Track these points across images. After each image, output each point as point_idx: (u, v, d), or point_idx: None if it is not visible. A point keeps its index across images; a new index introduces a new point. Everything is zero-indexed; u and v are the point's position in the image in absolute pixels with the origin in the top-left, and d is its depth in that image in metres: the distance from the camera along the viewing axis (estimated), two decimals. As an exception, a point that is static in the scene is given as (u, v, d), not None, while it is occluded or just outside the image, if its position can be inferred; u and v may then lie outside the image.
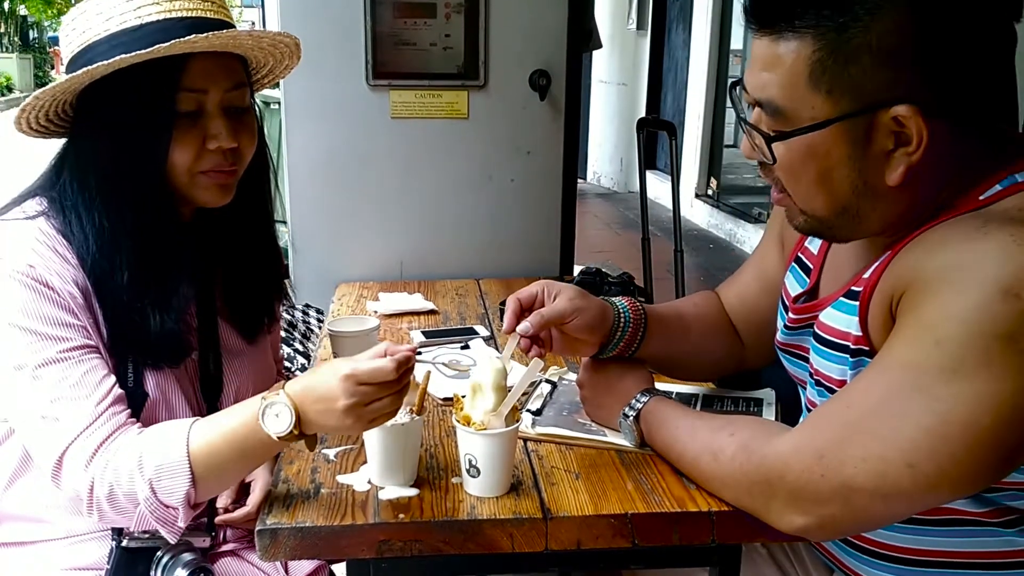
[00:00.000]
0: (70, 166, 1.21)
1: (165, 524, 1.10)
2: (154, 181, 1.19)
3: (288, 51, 1.30)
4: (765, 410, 1.41)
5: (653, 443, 1.23)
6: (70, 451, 1.09)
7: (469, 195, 2.37)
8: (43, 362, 1.11)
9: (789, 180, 1.07)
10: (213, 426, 1.10)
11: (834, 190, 1.04)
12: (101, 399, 1.12)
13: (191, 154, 1.19)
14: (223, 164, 1.22)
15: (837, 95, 0.99)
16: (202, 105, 1.19)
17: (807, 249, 1.30)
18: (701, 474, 1.14)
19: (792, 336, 1.28)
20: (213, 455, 1.09)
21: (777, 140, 1.04)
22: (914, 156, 0.99)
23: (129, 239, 1.18)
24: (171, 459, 1.08)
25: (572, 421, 1.36)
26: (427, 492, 1.15)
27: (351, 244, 2.32)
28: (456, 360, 1.64)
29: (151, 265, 1.20)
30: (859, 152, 1.01)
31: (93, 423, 1.10)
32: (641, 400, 1.24)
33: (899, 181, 1.01)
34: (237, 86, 1.22)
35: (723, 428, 1.13)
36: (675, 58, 8.26)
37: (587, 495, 1.14)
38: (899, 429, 0.96)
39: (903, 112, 0.97)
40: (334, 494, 1.15)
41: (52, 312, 1.12)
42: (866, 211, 1.06)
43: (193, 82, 1.17)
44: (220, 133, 1.19)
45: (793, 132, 1.02)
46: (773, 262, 1.42)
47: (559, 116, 2.31)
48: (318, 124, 2.27)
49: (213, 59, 1.18)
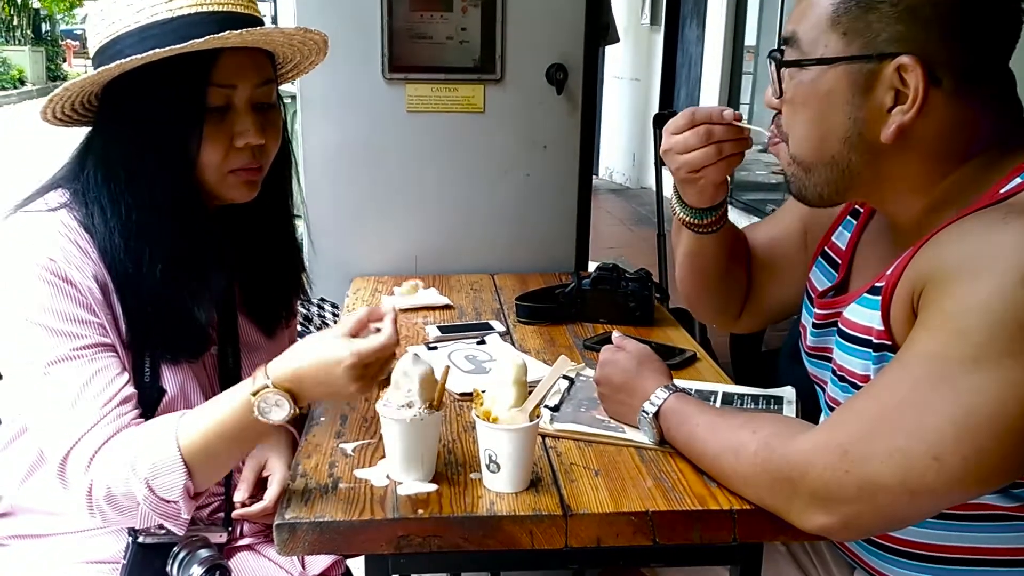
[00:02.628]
0: (95, 158, 1.20)
1: (169, 518, 1.10)
2: (185, 177, 1.18)
3: (316, 47, 1.30)
4: (785, 408, 1.40)
5: (673, 440, 1.22)
6: (73, 453, 1.09)
7: (485, 189, 2.35)
8: (55, 359, 1.10)
9: (788, 116, 1.11)
10: (202, 418, 1.09)
11: (826, 135, 1.08)
12: (109, 399, 1.11)
13: (221, 152, 1.18)
14: (251, 162, 1.21)
15: (850, 37, 1.03)
16: (231, 101, 1.18)
17: (834, 243, 1.29)
18: (722, 472, 1.13)
19: (819, 338, 1.27)
20: (206, 447, 1.08)
21: (786, 66, 1.09)
22: (908, 115, 1.01)
23: (160, 232, 1.17)
24: (164, 457, 1.07)
25: (591, 417, 1.35)
26: (446, 487, 1.15)
27: (366, 238, 2.31)
28: (472, 356, 1.64)
29: (185, 258, 1.19)
30: (858, 100, 1.04)
31: (96, 424, 1.10)
32: (660, 397, 1.23)
33: (891, 139, 1.03)
34: (266, 82, 1.21)
35: (744, 425, 1.12)
36: (689, 54, 8.22)
37: (607, 492, 1.14)
38: (924, 422, 0.95)
39: (906, 62, 1.00)
40: (352, 488, 1.14)
41: (69, 308, 1.12)
42: (857, 168, 1.08)
43: (223, 77, 1.16)
44: (248, 130, 1.18)
45: (801, 61, 1.07)
46: (790, 232, 1.44)
47: (576, 110, 2.30)
48: (334, 118, 2.27)
49: (243, 55, 1.18)
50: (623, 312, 1.84)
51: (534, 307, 1.86)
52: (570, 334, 1.80)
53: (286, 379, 1.06)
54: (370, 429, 1.32)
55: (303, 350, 1.09)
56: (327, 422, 1.35)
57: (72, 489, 1.10)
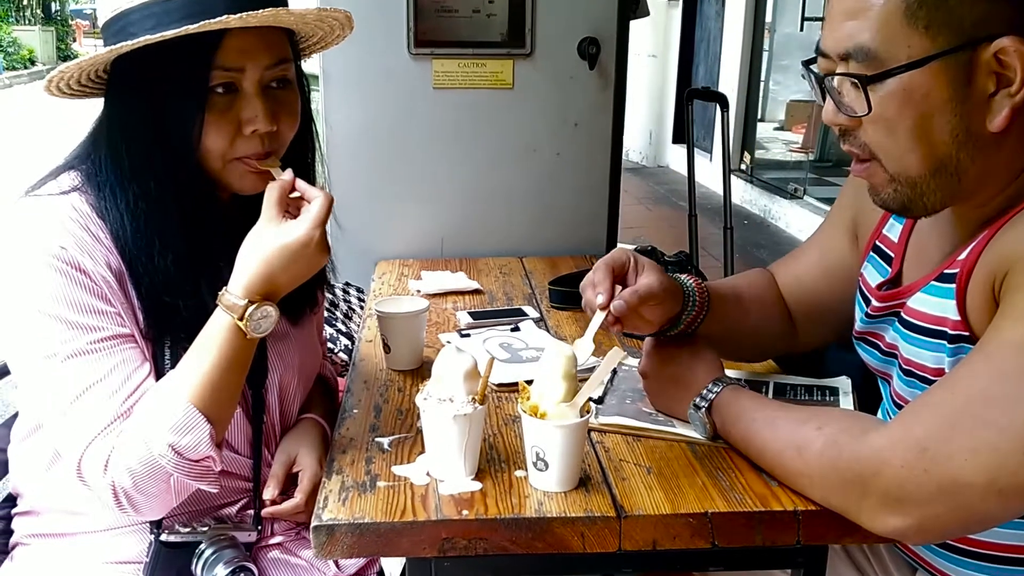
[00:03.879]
0: (105, 139, 1.13)
1: (204, 478, 1.08)
2: (187, 165, 1.11)
3: (339, 23, 1.22)
4: (842, 399, 1.33)
5: (728, 436, 1.16)
6: (89, 452, 1.04)
7: (513, 169, 2.28)
8: (72, 353, 1.05)
9: (882, 135, 1.00)
10: (196, 363, 1.06)
11: (933, 140, 0.98)
12: (128, 395, 1.06)
13: (225, 139, 1.11)
14: (260, 149, 1.13)
15: (935, 30, 0.94)
16: (238, 85, 1.10)
17: (886, 237, 1.22)
18: (785, 470, 1.07)
19: (871, 324, 1.20)
20: (213, 387, 1.06)
21: (874, 81, 0.97)
22: (1017, 96, 0.94)
23: (166, 222, 1.10)
24: (178, 416, 1.04)
25: (637, 410, 1.28)
26: (490, 486, 1.08)
27: (391, 220, 2.24)
28: (508, 343, 1.57)
29: (195, 249, 1.12)
30: (959, 95, 0.95)
31: (113, 422, 1.04)
32: (713, 390, 1.17)
33: (1003, 125, 0.95)
34: (279, 62, 1.13)
35: (808, 421, 1.06)
36: (707, 29, 8.09)
37: (662, 492, 1.07)
38: (1014, 415, 0.88)
39: (1006, 44, 0.92)
40: (392, 487, 1.08)
41: (84, 299, 1.05)
42: (965, 165, 0.99)
43: (229, 60, 1.08)
44: (257, 116, 1.10)
45: (891, 71, 0.96)
46: (837, 249, 1.35)
47: (608, 86, 2.22)
48: (358, 95, 2.19)
49: (252, 34, 1.09)
50: (661, 297, 1.77)
51: (568, 292, 1.79)
52: (607, 320, 1.72)
53: (260, 287, 1.06)
54: (406, 422, 1.25)
55: (260, 251, 1.06)
56: (359, 414, 1.29)
57: (95, 491, 1.04)
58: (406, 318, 1.44)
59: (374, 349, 1.55)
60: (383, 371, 1.46)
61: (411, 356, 1.46)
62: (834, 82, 1.02)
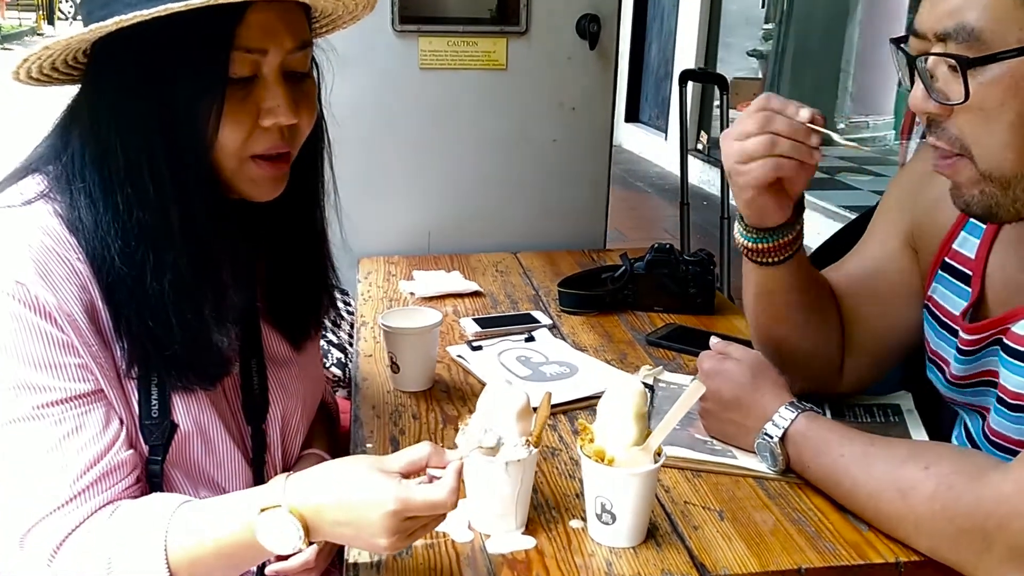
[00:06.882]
0: (83, 135, 0.93)
1: None
2: (201, 164, 0.92)
3: (364, 1, 1.04)
4: (906, 416, 1.22)
5: (805, 471, 1.03)
6: (41, 528, 0.86)
7: (506, 156, 2.10)
8: (12, 419, 0.87)
9: (977, 127, 0.89)
10: (200, 524, 0.87)
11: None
12: (83, 471, 0.88)
13: (243, 132, 0.92)
14: (278, 144, 0.95)
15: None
16: (258, 69, 0.92)
17: (958, 253, 1.08)
18: (882, 515, 0.94)
19: (972, 364, 1.05)
20: (197, 565, 0.86)
21: (976, 65, 0.86)
22: None
23: (167, 234, 0.91)
24: (149, 569, 0.85)
25: (690, 437, 1.14)
26: (545, 541, 0.94)
27: (374, 212, 2.04)
28: (526, 357, 1.41)
29: (200, 266, 0.93)
30: None
31: (63, 506, 0.87)
32: (786, 417, 1.03)
33: None
34: (302, 46, 0.94)
35: (911, 459, 0.93)
36: (661, 5, 7.94)
37: (743, 543, 0.94)
38: None
39: None
40: (431, 547, 0.92)
41: (36, 350, 0.87)
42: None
43: (252, 39, 0.89)
44: (279, 105, 0.92)
45: (997, 55, 0.85)
46: (895, 262, 1.18)
47: (609, 67, 2.05)
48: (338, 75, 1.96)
49: (274, 10, 0.91)
50: (681, 299, 1.63)
51: (580, 295, 1.64)
52: (625, 326, 1.58)
53: (304, 507, 0.84)
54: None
55: (336, 477, 0.85)
56: (374, 449, 1.13)
57: (31, 570, 0.86)
58: (419, 334, 1.28)
59: (375, 366, 1.38)
60: (390, 393, 1.30)
61: (423, 376, 1.30)
62: (927, 64, 0.90)
